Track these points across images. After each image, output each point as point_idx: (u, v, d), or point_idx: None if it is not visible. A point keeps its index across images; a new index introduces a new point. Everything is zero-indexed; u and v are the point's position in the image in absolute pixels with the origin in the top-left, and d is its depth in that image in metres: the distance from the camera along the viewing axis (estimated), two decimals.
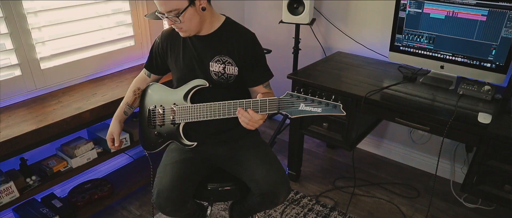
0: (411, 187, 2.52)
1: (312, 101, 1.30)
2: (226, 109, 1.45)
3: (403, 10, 2.15)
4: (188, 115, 1.54)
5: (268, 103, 1.37)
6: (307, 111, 1.31)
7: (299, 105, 1.32)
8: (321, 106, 1.29)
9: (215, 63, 1.54)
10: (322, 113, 1.30)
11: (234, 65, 1.54)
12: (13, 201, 1.79)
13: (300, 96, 1.31)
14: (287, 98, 1.33)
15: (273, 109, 1.37)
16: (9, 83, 1.97)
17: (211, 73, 1.55)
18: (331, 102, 1.28)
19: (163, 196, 1.49)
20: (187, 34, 1.51)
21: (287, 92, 1.34)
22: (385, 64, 2.45)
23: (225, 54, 1.53)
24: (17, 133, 1.70)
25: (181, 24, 1.44)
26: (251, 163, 1.59)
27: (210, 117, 1.48)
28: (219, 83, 1.56)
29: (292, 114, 1.34)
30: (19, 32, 1.92)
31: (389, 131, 2.77)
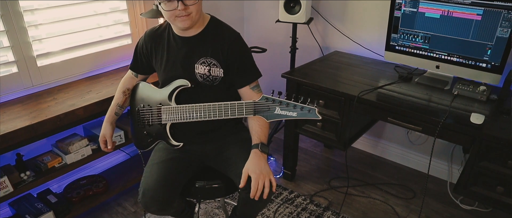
0: (407, 188, 2.50)
1: (287, 105, 1.30)
2: (211, 111, 1.46)
3: (398, 9, 2.14)
4: (173, 116, 1.55)
5: (244, 106, 1.38)
6: (282, 115, 1.31)
7: (275, 109, 1.32)
8: (296, 110, 1.29)
9: (200, 65, 1.53)
10: (297, 117, 1.30)
11: (219, 67, 1.53)
12: (7, 196, 1.82)
13: (276, 100, 1.31)
14: (263, 102, 1.34)
15: (249, 112, 1.38)
16: (6, 80, 2.01)
17: (197, 75, 1.54)
18: (306, 106, 1.27)
19: (148, 196, 1.50)
20: (189, 24, 1.45)
21: (263, 96, 1.34)
22: (382, 64, 2.43)
23: (210, 56, 1.53)
24: (10, 129, 1.73)
25: (193, 8, 1.41)
26: (236, 159, 1.59)
27: (195, 118, 1.49)
28: (205, 85, 1.56)
29: (268, 118, 1.35)
30: (15, 30, 1.96)
31: (386, 131, 2.75)
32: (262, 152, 1.46)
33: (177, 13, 1.42)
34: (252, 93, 1.56)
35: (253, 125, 1.52)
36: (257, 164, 1.42)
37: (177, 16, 1.43)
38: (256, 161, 1.43)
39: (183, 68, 1.55)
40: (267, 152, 1.49)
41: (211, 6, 2.90)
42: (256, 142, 1.49)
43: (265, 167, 1.43)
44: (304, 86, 2.23)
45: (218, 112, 1.45)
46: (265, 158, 1.46)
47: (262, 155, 1.45)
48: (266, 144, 1.50)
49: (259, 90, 1.60)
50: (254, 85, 1.58)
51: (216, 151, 1.67)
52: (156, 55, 1.62)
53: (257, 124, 1.51)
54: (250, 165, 1.43)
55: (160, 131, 1.61)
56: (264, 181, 1.37)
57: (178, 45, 1.56)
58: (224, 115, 1.45)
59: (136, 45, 1.69)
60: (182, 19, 1.43)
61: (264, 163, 1.44)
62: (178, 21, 1.45)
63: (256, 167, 1.41)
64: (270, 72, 3.18)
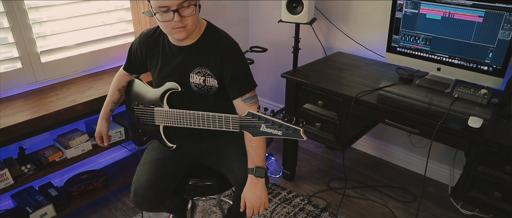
0: (407, 191, 2.47)
1: (272, 123, 1.28)
2: (200, 120, 1.44)
3: (399, 11, 2.12)
4: (166, 119, 1.53)
5: (231, 120, 1.37)
6: (268, 133, 1.30)
7: (261, 126, 1.31)
8: (282, 129, 1.27)
9: (195, 75, 1.51)
10: (282, 136, 1.29)
11: (213, 77, 1.51)
12: (7, 188, 1.87)
13: (262, 117, 1.29)
14: (249, 118, 1.33)
15: (235, 127, 1.37)
16: (10, 76, 2.06)
17: (191, 84, 1.52)
18: (291, 126, 1.25)
19: (140, 195, 1.52)
20: (185, 35, 1.41)
21: (249, 112, 1.32)
22: (383, 66, 2.41)
23: (205, 66, 1.50)
24: (11, 122, 1.78)
25: (189, 18, 1.36)
26: (229, 156, 1.60)
27: (185, 125, 1.48)
28: (199, 94, 1.54)
29: (254, 134, 1.34)
30: (20, 27, 2.01)
31: (388, 134, 2.72)
32: (257, 177, 1.45)
33: (173, 25, 1.37)
34: (244, 105, 1.50)
35: (247, 147, 1.49)
36: (253, 193, 1.45)
37: (173, 27, 1.38)
38: (252, 188, 1.45)
39: (178, 77, 1.52)
40: (263, 175, 1.46)
41: (216, 6, 2.92)
42: (251, 167, 1.46)
43: (261, 194, 1.44)
44: (303, 86, 2.23)
45: (206, 122, 1.43)
46: (261, 182, 1.45)
47: (258, 181, 1.45)
48: (261, 166, 1.47)
49: (253, 102, 1.53)
50: (247, 98, 1.51)
51: (210, 149, 1.67)
52: (151, 61, 1.60)
53: (251, 145, 1.47)
54: (246, 193, 1.46)
55: (154, 131, 1.61)
56: (258, 208, 1.46)
57: (173, 54, 1.53)
58: (212, 125, 1.43)
59: (130, 47, 1.67)
60: (178, 30, 1.38)
61: (260, 189, 1.45)
62: (174, 33, 1.40)
63: (252, 195, 1.45)
64: (272, 72, 3.19)
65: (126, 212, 2.32)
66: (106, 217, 2.29)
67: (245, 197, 1.46)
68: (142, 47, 1.60)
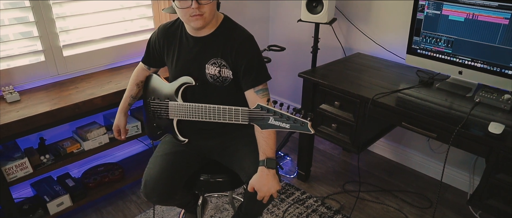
0: (424, 197, 2.41)
1: (281, 116, 1.28)
2: (211, 113, 1.46)
3: (421, 12, 2.07)
4: (179, 112, 1.56)
5: (240, 113, 1.38)
6: (276, 126, 1.30)
7: (269, 119, 1.31)
8: (289, 122, 1.27)
9: (211, 66, 1.53)
10: (290, 129, 1.29)
11: (228, 68, 1.52)
12: (27, 176, 1.94)
13: (270, 109, 1.30)
14: (258, 111, 1.33)
15: (244, 119, 1.38)
16: (34, 68, 2.13)
17: (207, 75, 1.54)
18: (299, 119, 1.25)
19: (149, 187, 1.54)
20: (202, 24, 1.43)
21: (258, 104, 1.33)
22: (404, 68, 2.36)
23: (220, 56, 1.52)
24: (32, 113, 1.83)
25: (206, 6, 1.39)
26: (241, 153, 1.60)
27: (197, 118, 1.50)
28: (215, 86, 1.55)
29: (262, 127, 1.34)
30: (44, 21, 2.07)
31: (406, 137, 2.66)
32: (268, 168, 1.45)
33: (190, 12, 1.40)
34: (256, 97, 1.51)
35: (258, 138, 1.50)
36: (264, 184, 1.45)
37: (190, 15, 1.41)
38: (263, 179, 1.45)
39: (194, 68, 1.55)
40: (274, 166, 1.47)
41: (237, 5, 2.93)
42: (262, 158, 1.47)
43: (273, 183, 1.45)
44: (319, 86, 2.21)
45: (216, 114, 1.45)
46: (272, 173, 1.45)
47: (268, 172, 1.45)
48: (272, 157, 1.47)
49: (265, 95, 1.53)
50: (259, 89, 1.52)
51: (221, 146, 1.68)
52: (168, 52, 1.63)
53: (262, 136, 1.48)
54: (256, 182, 1.46)
55: (168, 124, 1.64)
56: (268, 197, 1.48)
57: (190, 45, 1.56)
58: (222, 118, 1.44)
59: (149, 39, 1.70)
60: (195, 18, 1.41)
61: (271, 179, 1.45)
62: (192, 21, 1.43)
63: (262, 185, 1.45)
64: (290, 72, 3.18)
65: (140, 205, 2.35)
66: (120, 209, 2.33)
67: (255, 186, 1.46)
68: (160, 39, 1.64)
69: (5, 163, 1.87)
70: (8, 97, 1.94)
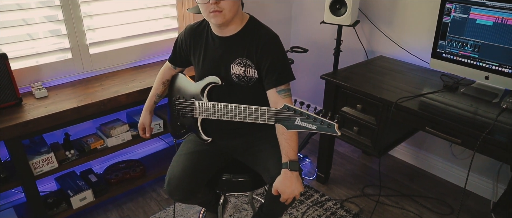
0: (445, 203, 2.37)
1: (307, 117, 1.28)
2: (237, 113, 1.46)
3: (447, 15, 2.04)
4: (204, 112, 1.57)
5: (266, 113, 1.38)
6: (302, 127, 1.30)
7: (295, 120, 1.31)
8: (316, 123, 1.27)
9: (236, 65, 1.54)
10: (316, 131, 1.28)
11: (253, 68, 1.53)
12: (52, 170, 1.98)
13: (297, 110, 1.30)
14: (284, 111, 1.33)
15: (270, 120, 1.38)
16: (61, 65, 2.18)
17: (232, 75, 1.55)
18: (325, 120, 1.25)
19: (173, 185, 1.56)
20: (222, 20, 1.43)
21: (285, 105, 1.33)
22: (428, 72, 2.33)
23: (245, 56, 1.52)
24: (59, 109, 1.88)
25: (225, 3, 1.39)
26: (265, 154, 1.61)
27: (222, 117, 1.51)
28: (240, 85, 1.56)
29: (288, 127, 1.34)
30: (72, 19, 2.12)
31: (428, 142, 2.63)
32: (292, 170, 1.45)
33: (210, 8, 1.41)
34: (278, 97, 1.51)
35: (281, 140, 1.50)
36: (288, 186, 1.45)
37: (210, 11, 1.42)
38: (287, 181, 1.45)
39: (220, 68, 1.56)
40: (297, 168, 1.46)
41: (259, 6, 2.94)
42: (285, 161, 1.47)
43: (296, 186, 1.45)
44: (342, 89, 2.20)
45: (242, 114, 1.45)
46: (295, 175, 1.45)
47: (292, 174, 1.45)
48: (295, 159, 1.47)
49: (287, 95, 1.52)
50: (282, 89, 1.51)
51: (244, 146, 1.69)
52: (194, 52, 1.64)
53: (284, 138, 1.48)
54: (280, 185, 1.46)
55: (192, 123, 1.65)
56: (291, 199, 1.48)
57: (216, 45, 1.57)
58: (247, 118, 1.45)
59: (176, 39, 1.72)
60: (214, 14, 1.42)
61: (294, 181, 1.45)
62: (211, 17, 1.44)
63: (286, 187, 1.45)
64: (312, 74, 3.17)
65: (160, 203, 2.38)
66: (141, 205, 2.36)
67: (278, 189, 1.46)
68: (187, 39, 1.65)
69: (32, 157, 1.92)
70: (36, 93, 1.99)
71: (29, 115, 1.82)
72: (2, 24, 1.95)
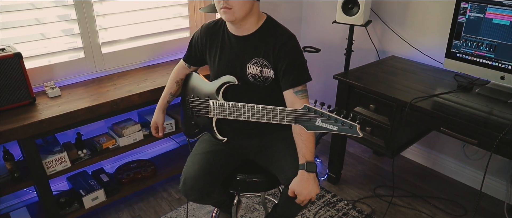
0: (458, 204, 2.35)
1: (328, 118, 1.26)
2: (254, 113, 1.45)
3: (462, 15, 2.02)
4: (219, 111, 1.56)
5: (286, 113, 1.37)
6: (323, 127, 1.28)
7: (316, 121, 1.29)
8: (337, 124, 1.25)
9: (252, 65, 1.53)
10: (338, 132, 1.26)
11: (270, 68, 1.52)
12: (65, 170, 1.98)
13: (317, 111, 1.28)
14: (304, 112, 1.32)
15: (290, 120, 1.37)
16: (74, 64, 2.18)
17: (248, 75, 1.54)
18: (347, 121, 1.23)
19: (189, 185, 1.55)
20: (232, 18, 1.43)
21: (305, 105, 1.31)
22: (440, 72, 2.31)
23: (262, 56, 1.51)
24: (72, 108, 1.88)
25: (234, 3, 1.39)
26: (280, 155, 1.59)
27: (239, 117, 1.50)
28: (256, 85, 1.55)
29: (308, 128, 1.33)
30: (85, 19, 2.11)
31: (440, 143, 2.61)
32: (309, 171, 1.44)
33: (220, 4, 1.41)
34: (295, 98, 1.50)
35: (297, 141, 1.49)
36: (305, 188, 1.43)
37: (220, 7, 1.42)
38: (304, 183, 1.43)
39: (235, 67, 1.55)
40: (314, 170, 1.45)
41: (269, 5, 2.92)
42: (302, 162, 1.46)
43: (313, 187, 1.43)
44: (355, 89, 2.19)
45: (260, 114, 1.44)
46: (312, 176, 1.44)
47: (309, 176, 1.44)
48: (312, 161, 1.46)
49: (304, 96, 1.52)
50: (299, 90, 1.50)
51: (259, 146, 1.68)
52: (210, 51, 1.63)
53: (301, 139, 1.47)
54: (297, 186, 1.44)
55: (207, 123, 1.64)
56: (307, 200, 1.46)
57: (232, 44, 1.56)
58: (266, 118, 1.43)
59: (192, 38, 1.71)
60: (224, 11, 1.42)
61: (311, 183, 1.43)
62: (222, 13, 1.45)
63: (303, 189, 1.43)
64: (323, 73, 3.16)
65: (171, 203, 2.38)
66: (152, 206, 2.35)
67: (295, 190, 1.45)
68: (203, 38, 1.64)
69: (45, 156, 1.92)
70: (49, 92, 1.99)
71: (43, 114, 1.82)
72: (15, 24, 1.95)
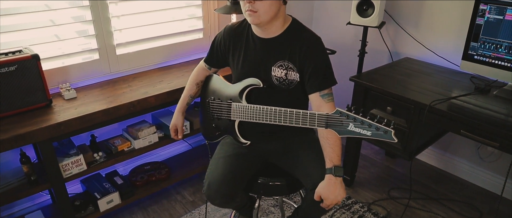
0: (473, 206, 2.35)
1: (362, 123, 1.24)
2: (282, 116, 1.43)
3: (481, 16, 2.01)
4: (243, 114, 1.54)
5: (316, 117, 1.35)
6: (356, 132, 1.26)
7: (348, 125, 1.27)
8: (371, 129, 1.23)
9: (277, 68, 1.51)
10: (371, 137, 1.24)
11: (295, 71, 1.50)
12: (81, 173, 1.96)
13: (350, 115, 1.26)
14: (336, 116, 1.29)
15: (321, 125, 1.35)
16: (88, 66, 2.16)
17: (273, 78, 1.52)
18: (382, 127, 1.21)
19: (213, 189, 1.54)
20: (257, 21, 1.42)
21: (337, 110, 1.29)
22: (456, 74, 2.31)
23: (287, 59, 1.50)
24: (90, 111, 1.85)
25: (260, 4, 1.37)
26: (304, 158, 1.58)
27: (265, 121, 1.48)
28: (280, 88, 1.54)
29: (340, 133, 1.31)
30: (101, 20, 2.09)
31: (453, 144, 2.60)
32: (336, 176, 1.43)
33: (245, 7, 1.40)
34: (321, 101, 1.49)
35: (324, 144, 1.47)
36: (332, 192, 1.42)
37: (246, 10, 1.41)
38: (331, 187, 1.42)
39: (260, 70, 1.54)
40: (342, 174, 1.44)
41: None
42: (329, 166, 1.44)
43: (340, 192, 1.42)
44: (371, 91, 2.18)
45: (289, 118, 1.42)
46: (339, 181, 1.43)
47: (336, 180, 1.42)
48: (339, 165, 1.45)
49: (330, 99, 1.50)
50: (325, 93, 1.49)
51: (281, 150, 1.66)
52: (233, 53, 1.61)
53: (328, 143, 1.45)
54: (324, 191, 1.43)
55: (229, 126, 1.62)
56: (333, 205, 1.45)
57: (257, 46, 1.54)
58: (294, 122, 1.41)
59: (214, 39, 1.69)
60: (249, 13, 1.41)
61: (338, 187, 1.42)
62: (247, 16, 1.44)
63: (331, 194, 1.42)
64: (336, 75, 3.12)
65: (185, 205, 2.36)
66: (166, 208, 2.34)
67: (322, 194, 1.44)
68: (226, 39, 1.62)
69: (61, 159, 1.90)
70: (65, 94, 1.97)
71: (60, 116, 1.80)
72: (30, 25, 1.93)
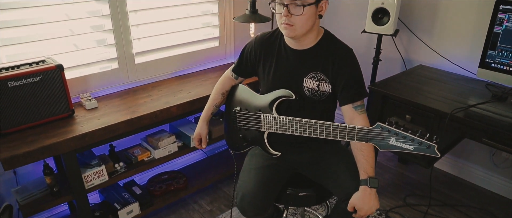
0: (489, 212, 2.37)
1: (404, 137, 1.25)
2: (317, 129, 1.42)
3: (499, 25, 2.04)
4: (273, 125, 1.53)
5: (356, 131, 1.35)
6: (397, 147, 1.26)
7: (390, 140, 1.28)
8: (414, 144, 1.24)
9: (309, 79, 1.51)
10: (413, 151, 1.25)
11: (328, 82, 1.50)
12: (103, 184, 1.95)
13: (391, 130, 1.26)
14: (377, 130, 1.30)
15: (361, 138, 1.35)
16: (108, 75, 2.14)
17: (305, 89, 1.52)
18: (425, 141, 1.22)
19: (247, 201, 1.53)
20: (292, 34, 1.43)
21: (378, 124, 1.30)
22: (471, 81, 2.33)
23: (320, 70, 1.50)
24: (113, 121, 1.84)
25: (297, 19, 1.38)
26: (335, 169, 1.58)
27: (297, 133, 1.47)
28: (311, 100, 1.53)
29: (381, 147, 1.31)
30: (121, 29, 2.08)
31: (467, 151, 2.63)
32: (371, 187, 1.43)
33: (281, 20, 1.42)
34: (354, 113, 1.49)
35: (358, 156, 1.47)
36: (366, 203, 1.43)
37: (281, 22, 1.42)
38: (366, 198, 1.43)
39: (292, 81, 1.53)
40: (377, 185, 1.44)
41: None
42: (364, 177, 1.44)
43: (374, 203, 1.43)
44: (390, 99, 2.19)
45: (325, 131, 1.41)
46: (374, 192, 1.44)
47: (371, 191, 1.43)
48: (374, 176, 1.45)
49: (363, 111, 1.50)
50: (358, 105, 1.49)
51: (311, 160, 1.66)
52: (264, 63, 1.61)
53: (362, 154, 1.45)
54: (358, 202, 1.44)
55: (257, 137, 1.61)
56: (366, 216, 1.46)
57: (289, 57, 1.54)
58: (332, 135, 1.40)
59: (244, 48, 1.69)
60: (284, 26, 1.42)
61: (373, 199, 1.43)
62: (283, 28, 1.45)
63: (364, 205, 1.43)
64: None
65: (203, 215, 2.34)
66: None
67: (356, 205, 1.44)
68: (257, 49, 1.62)
69: (84, 170, 1.88)
70: (87, 104, 1.95)
71: (84, 127, 1.79)
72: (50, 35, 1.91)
